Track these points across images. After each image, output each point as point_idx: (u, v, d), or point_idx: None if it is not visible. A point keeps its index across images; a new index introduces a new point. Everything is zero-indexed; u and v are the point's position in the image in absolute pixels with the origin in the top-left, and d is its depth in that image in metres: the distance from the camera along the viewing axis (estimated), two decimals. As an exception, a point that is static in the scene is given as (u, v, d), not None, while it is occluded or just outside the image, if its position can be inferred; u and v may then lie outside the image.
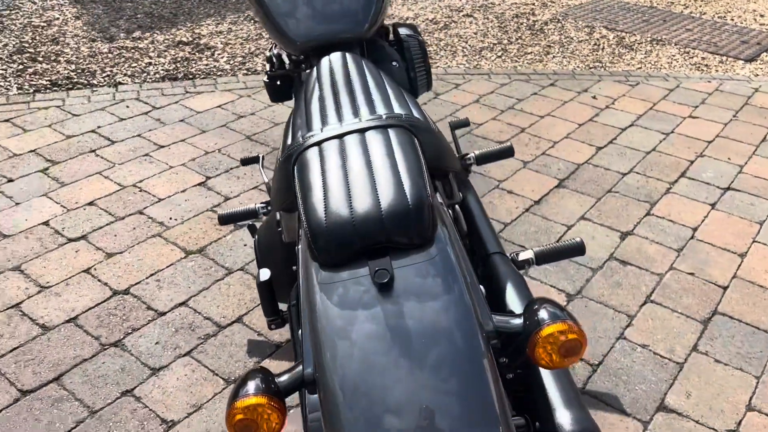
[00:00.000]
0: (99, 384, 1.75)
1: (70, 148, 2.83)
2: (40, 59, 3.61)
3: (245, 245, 2.27)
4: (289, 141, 1.11)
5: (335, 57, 1.50)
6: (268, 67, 1.81)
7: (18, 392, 1.71)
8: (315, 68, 1.49)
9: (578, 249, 1.57)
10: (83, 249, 2.24)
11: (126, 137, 2.93)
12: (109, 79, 3.45)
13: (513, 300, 1.31)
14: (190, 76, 3.55)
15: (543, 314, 0.85)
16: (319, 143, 1.02)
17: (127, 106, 3.19)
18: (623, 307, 2.07)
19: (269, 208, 1.75)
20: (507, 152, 2.06)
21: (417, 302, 0.80)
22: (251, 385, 0.82)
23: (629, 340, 1.95)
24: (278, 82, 1.78)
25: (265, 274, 1.25)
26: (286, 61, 1.80)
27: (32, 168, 2.68)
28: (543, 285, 2.15)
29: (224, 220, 1.75)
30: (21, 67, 3.52)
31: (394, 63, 1.66)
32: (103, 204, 2.48)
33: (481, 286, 0.93)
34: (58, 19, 4.16)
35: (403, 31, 1.80)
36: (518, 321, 0.86)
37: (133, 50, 3.78)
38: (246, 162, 1.89)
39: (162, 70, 3.58)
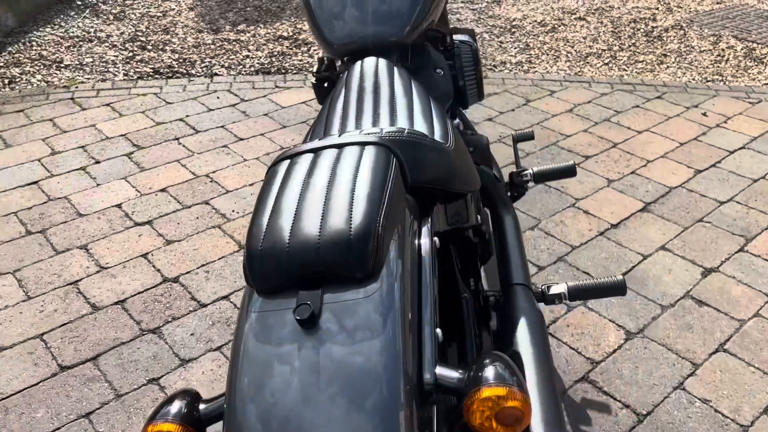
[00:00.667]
0: (130, 368, 1.80)
1: (156, 134, 2.96)
2: (149, 48, 3.81)
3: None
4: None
5: (368, 62, 1.43)
6: (315, 68, 1.77)
7: (57, 367, 1.80)
8: (346, 72, 1.43)
9: (618, 288, 1.41)
10: (146, 234, 2.32)
11: (210, 127, 3.02)
12: (207, 70, 3.58)
13: (522, 340, 1.19)
14: (283, 71, 3.60)
15: (487, 373, 0.75)
16: (293, 156, 0.96)
17: (218, 97, 3.29)
18: (689, 353, 1.85)
19: None
20: (569, 171, 1.91)
21: (338, 344, 0.72)
22: (171, 408, 0.79)
23: (689, 391, 1.74)
24: (325, 84, 1.73)
25: None
26: (339, 63, 1.76)
27: (119, 151, 2.82)
28: (601, 318, 1.97)
29: None
30: (131, 54, 3.73)
31: (438, 70, 1.57)
32: (174, 191, 2.56)
33: (439, 331, 0.83)
34: (173, 9, 4.38)
35: (457, 37, 1.70)
36: (462, 376, 0.76)
37: (234, 42, 3.90)
38: None
39: (257, 63, 3.67)
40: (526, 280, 1.35)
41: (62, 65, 3.57)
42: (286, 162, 0.96)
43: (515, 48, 3.96)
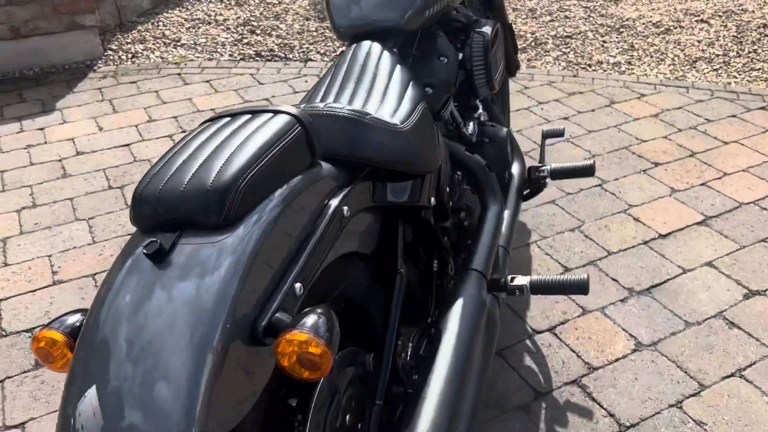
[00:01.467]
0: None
1: (242, 111, 3.19)
2: (258, 32, 4.09)
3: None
4: None
5: (360, 46, 1.51)
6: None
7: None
8: (342, 55, 1.52)
9: (580, 287, 1.39)
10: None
11: (290, 108, 3.21)
12: (303, 55, 3.78)
13: (451, 324, 1.22)
14: (373, 59, 3.73)
15: (302, 321, 0.81)
16: (215, 118, 1.06)
17: (306, 81, 3.48)
18: (700, 373, 1.75)
19: None
20: (587, 171, 1.87)
21: (177, 279, 0.81)
22: (65, 320, 0.92)
23: (685, 411, 1.64)
24: None
25: None
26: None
27: (205, 124, 3.09)
28: (615, 325, 1.90)
29: None
30: (240, 37, 4.03)
31: (442, 58, 1.60)
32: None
33: (299, 285, 0.89)
34: (290, -2, 4.65)
35: (477, 27, 1.72)
36: (287, 321, 0.83)
37: (336, 30, 4.08)
38: None
39: (352, 50, 3.82)
40: (484, 268, 1.37)
41: (179, 44, 3.94)
42: (207, 123, 1.06)
43: (617, 48, 3.80)
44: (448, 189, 1.43)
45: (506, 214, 1.77)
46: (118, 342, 0.78)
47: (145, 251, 0.83)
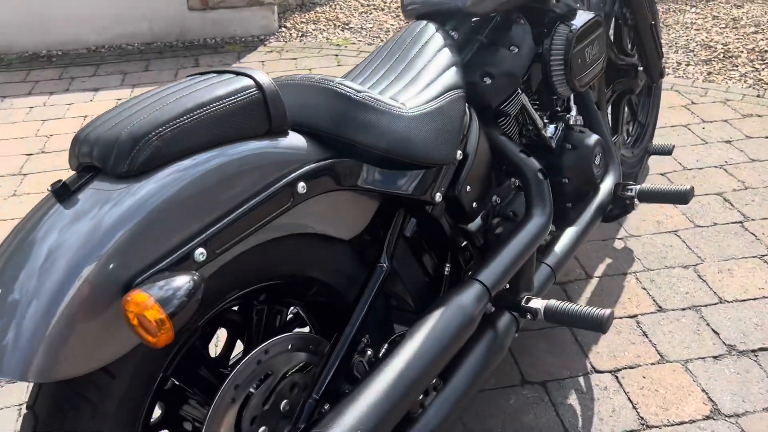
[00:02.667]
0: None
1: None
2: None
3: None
4: None
5: (415, 24, 1.43)
6: None
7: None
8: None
9: (597, 323, 1.19)
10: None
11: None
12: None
13: (419, 328, 1.12)
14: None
15: (153, 281, 0.78)
16: (195, 74, 1.05)
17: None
18: (783, 464, 1.41)
19: None
20: (680, 197, 1.61)
21: (68, 219, 0.82)
22: None
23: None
24: None
25: None
26: None
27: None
28: (694, 383, 1.61)
29: None
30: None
31: (512, 48, 1.46)
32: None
33: (201, 250, 0.86)
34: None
35: (567, 19, 1.54)
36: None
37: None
38: None
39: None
40: (490, 280, 1.22)
41: (347, 27, 4.07)
42: (186, 78, 1.06)
43: (828, 70, 3.20)
44: (469, 187, 1.29)
45: (572, 230, 1.57)
46: (12, 265, 0.80)
47: (50, 188, 0.85)
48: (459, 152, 1.26)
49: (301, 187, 0.99)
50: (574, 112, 1.72)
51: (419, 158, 1.16)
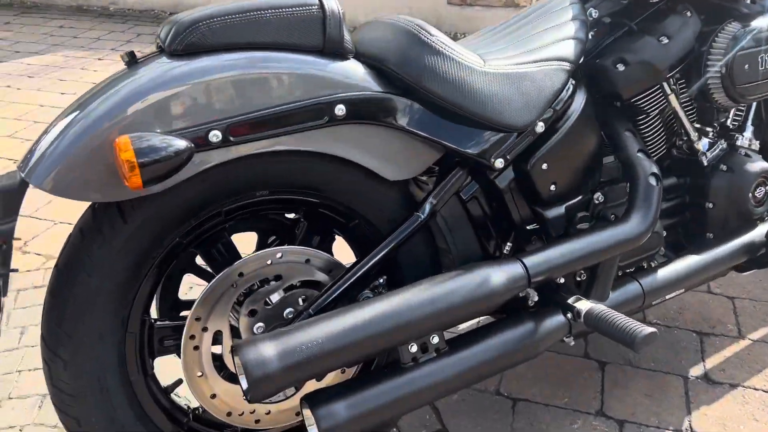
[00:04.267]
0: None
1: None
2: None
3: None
4: None
5: None
6: None
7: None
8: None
9: (629, 340, 1.04)
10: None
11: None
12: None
13: (418, 290, 1.10)
14: None
15: (150, 135, 0.90)
16: None
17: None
18: None
19: None
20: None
21: (122, 79, 0.97)
22: None
23: None
24: None
25: None
26: None
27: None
28: None
29: None
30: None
31: (662, 39, 1.30)
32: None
33: (216, 132, 0.95)
34: None
35: (745, 20, 1.33)
36: None
37: None
38: None
39: None
40: (534, 266, 1.13)
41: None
42: None
43: None
44: (546, 165, 1.19)
45: (694, 259, 1.36)
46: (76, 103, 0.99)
47: (122, 56, 1.02)
48: (540, 124, 1.18)
49: (339, 109, 1.03)
50: (748, 134, 1.47)
51: (483, 116, 1.12)
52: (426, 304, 1.05)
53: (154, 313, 1.16)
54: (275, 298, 1.13)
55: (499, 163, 1.16)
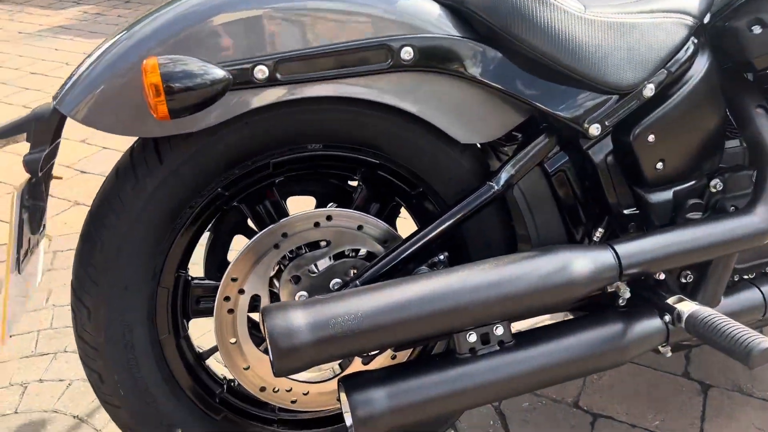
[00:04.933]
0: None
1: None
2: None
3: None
4: None
5: None
6: None
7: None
8: None
9: (743, 354, 0.83)
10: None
11: None
12: None
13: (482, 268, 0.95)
14: None
15: (186, 60, 0.80)
16: None
17: None
18: None
19: None
20: None
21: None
22: None
23: None
24: None
25: None
26: None
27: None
28: None
29: None
30: None
31: (754, 28, 1.05)
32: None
33: (263, 67, 0.84)
34: None
35: None
36: None
37: None
38: None
39: None
40: (628, 256, 0.95)
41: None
42: None
43: None
44: (653, 137, 0.99)
45: None
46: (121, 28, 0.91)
47: None
48: (649, 87, 0.98)
49: (406, 52, 0.89)
50: None
51: (579, 72, 0.94)
52: (490, 287, 0.89)
53: (198, 272, 1.07)
54: (322, 265, 1.00)
55: (594, 129, 0.97)
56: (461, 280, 0.89)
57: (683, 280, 1.06)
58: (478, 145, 1.06)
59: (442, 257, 1.01)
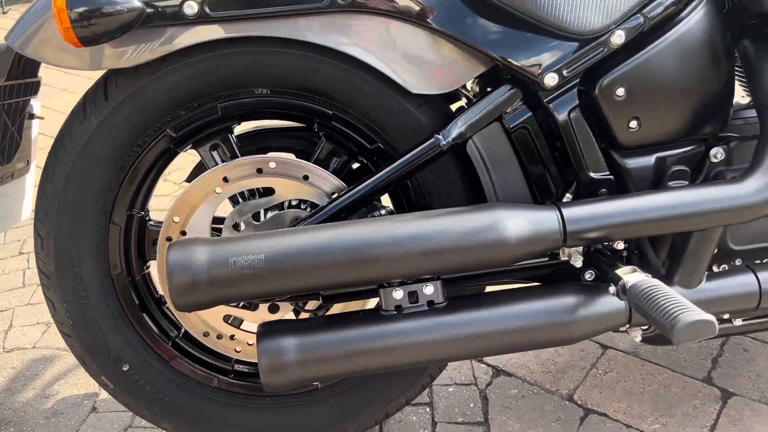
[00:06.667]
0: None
1: None
2: None
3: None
4: None
5: None
6: None
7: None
8: None
9: (668, 328, 0.73)
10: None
11: None
12: None
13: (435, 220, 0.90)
14: None
15: None
16: None
17: None
18: None
19: None
20: None
21: None
22: None
23: None
24: None
25: None
26: None
27: None
28: None
29: None
30: None
31: None
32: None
33: (193, 2, 0.84)
34: None
35: None
36: None
37: None
38: None
39: None
40: (573, 220, 0.85)
41: None
42: None
43: None
44: (623, 91, 0.87)
45: None
46: None
47: None
48: (619, 33, 0.87)
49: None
50: None
51: (534, 14, 0.86)
52: (413, 238, 0.83)
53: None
54: (264, 215, 0.99)
55: (550, 78, 0.88)
56: (381, 228, 0.83)
57: (650, 255, 0.94)
58: (443, 102, 1.00)
59: (383, 212, 0.96)
